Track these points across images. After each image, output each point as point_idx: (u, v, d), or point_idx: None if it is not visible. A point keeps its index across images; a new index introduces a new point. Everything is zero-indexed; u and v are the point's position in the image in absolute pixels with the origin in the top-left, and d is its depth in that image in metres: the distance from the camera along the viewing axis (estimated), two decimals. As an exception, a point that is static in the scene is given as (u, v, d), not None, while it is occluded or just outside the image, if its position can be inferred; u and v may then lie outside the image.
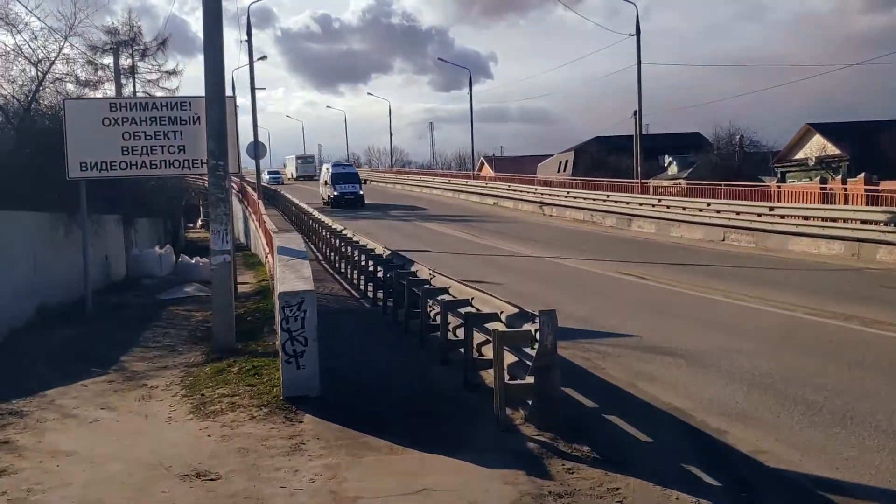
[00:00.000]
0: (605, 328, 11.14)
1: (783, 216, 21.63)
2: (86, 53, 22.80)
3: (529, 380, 6.90)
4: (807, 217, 20.98)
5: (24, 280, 14.40)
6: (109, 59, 23.88)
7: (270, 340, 11.00)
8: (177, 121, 14.82)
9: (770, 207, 22.55)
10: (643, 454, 6.35)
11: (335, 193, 42.94)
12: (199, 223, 44.41)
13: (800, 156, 43.95)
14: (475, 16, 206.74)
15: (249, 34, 35.82)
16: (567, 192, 36.12)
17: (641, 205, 29.03)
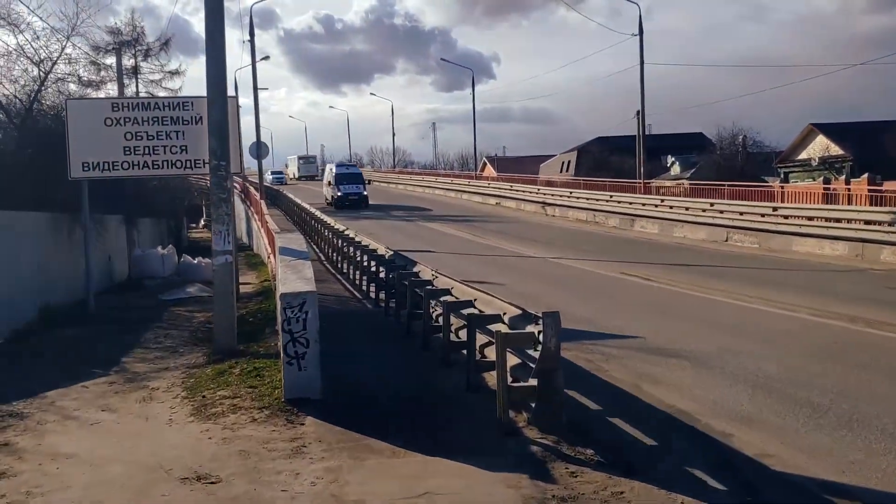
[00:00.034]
0: (609, 329, 11.08)
1: (787, 217, 21.54)
2: (88, 53, 22.78)
3: (532, 382, 6.84)
4: (810, 217, 20.91)
5: (27, 280, 14.37)
6: (112, 60, 23.86)
7: (272, 341, 10.95)
8: (179, 121, 14.80)
9: (773, 208, 22.48)
10: (648, 457, 6.29)
11: (339, 194, 42.42)
12: (202, 223, 44.41)
13: (803, 156, 43.88)
14: (478, 16, 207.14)
15: (252, 34, 35.77)
16: (570, 193, 36.05)
17: (644, 205, 28.96)
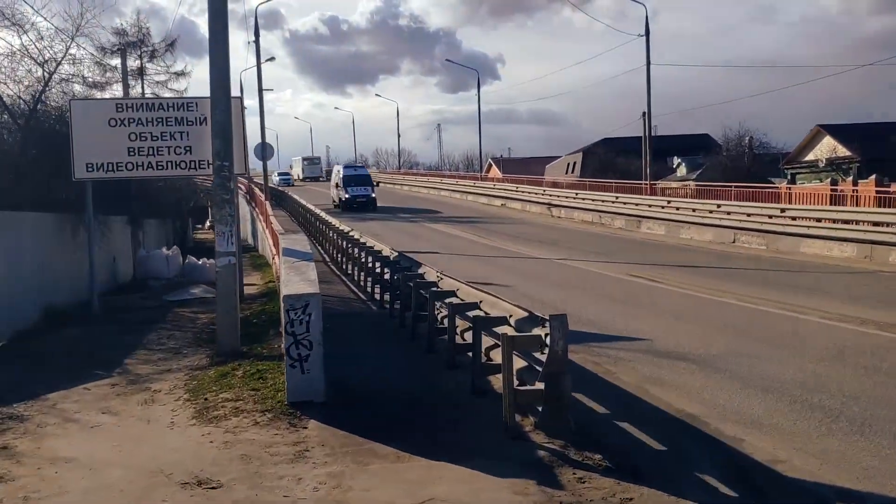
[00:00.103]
0: (616, 332, 10.96)
1: (794, 218, 21.40)
2: (93, 54, 22.70)
3: (539, 386, 6.72)
4: (818, 219, 20.76)
5: (30, 281, 14.31)
6: (117, 61, 23.77)
7: (276, 343, 10.85)
8: (183, 121, 14.76)
9: (781, 209, 22.33)
10: (656, 463, 6.18)
11: (346, 196, 41.42)
12: (208, 224, 44.33)
13: (810, 157, 43.71)
14: (482, 17, 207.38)
15: (257, 35, 35.79)
16: (576, 194, 35.93)
17: (651, 206, 28.84)
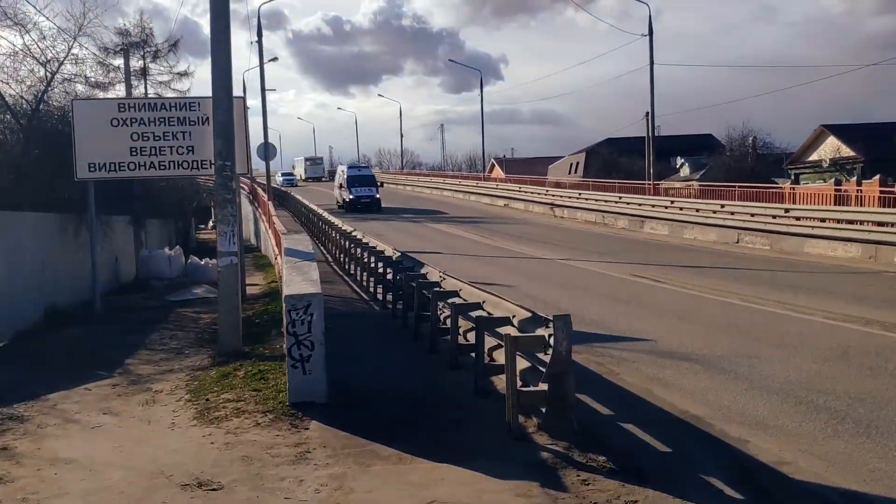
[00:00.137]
0: (619, 332, 10.90)
1: (798, 218, 21.32)
2: (96, 54, 22.69)
3: (543, 386, 6.67)
4: (822, 219, 20.69)
5: (32, 281, 14.29)
6: (120, 61, 23.79)
7: (278, 343, 10.80)
8: (185, 121, 14.73)
9: (785, 209, 22.26)
10: (661, 464, 6.11)
11: (350, 197, 41.00)
12: (211, 224, 44.31)
13: (813, 157, 43.59)
14: (486, 17, 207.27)
15: (260, 35, 35.74)
16: (579, 194, 35.86)
17: (654, 206, 28.78)
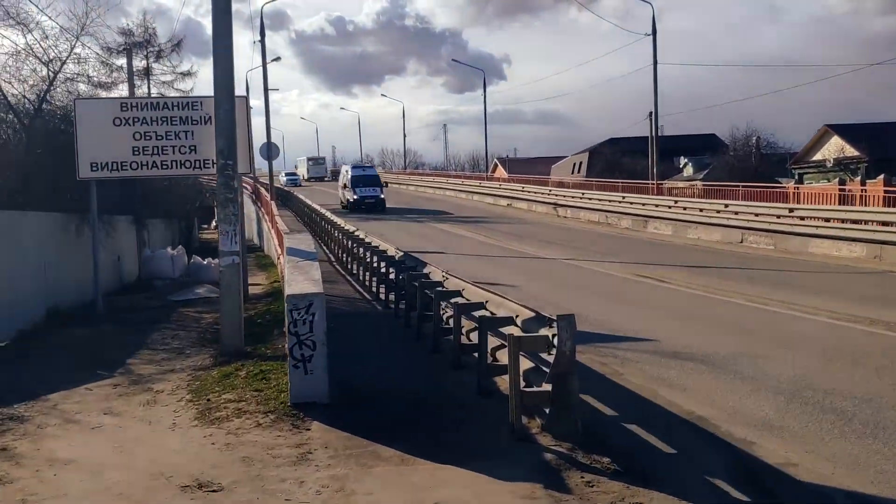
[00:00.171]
0: (623, 332, 10.83)
1: (803, 218, 21.23)
2: (99, 54, 22.69)
3: (546, 387, 6.60)
4: (827, 219, 20.60)
5: (34, 281, 14.25)
6: (123, 61, 23.80)
7: (280, 343, 10.73)
8: (188, 120, 14.67)
9: (790, 209, 22.16)
10: (666, 466, 6.04)
11: (355, 197, 40.24)
12: (214, 224, 44.16)
13: (817, 157, 43.46)
14: (489, 17, 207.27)
15: (262, 34, 35.73)
16: (582, 194, 35.78)
17: (658, 206, 28.69)
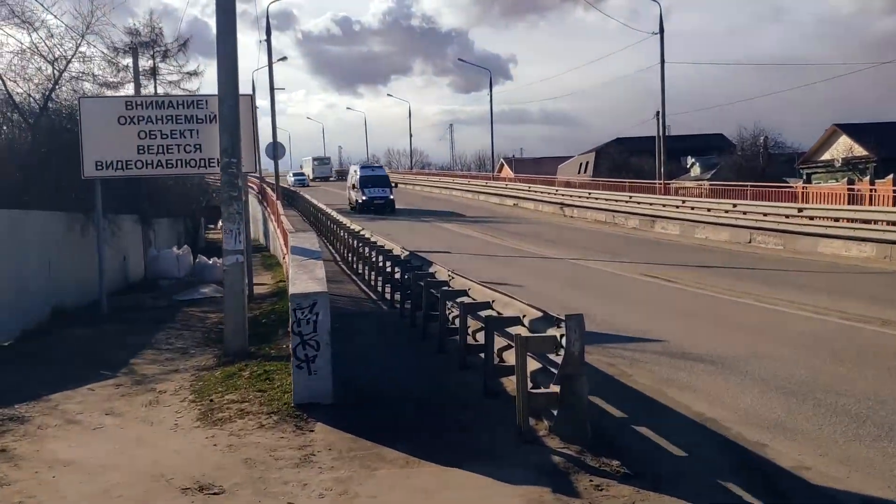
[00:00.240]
0: (631, 332, 10.70)
1: (812, 218, 21.06)
2: (104, 53, 22.67)
3: (554, 388, 6.48)
4: (836, 219, 20.44)
5: (39, 280, 14.20)
6: (129, 60, 23.74)
7: (284, 343, 10.66)
8: (193, 119, 14.63)
9: (798, 209, 22.00)
10: (677, 469, 5.91)
11: (364, 198, 39.42)
12: (220, 224, 44.10)
13: (826, 157, 43.17)
14: (495, 17, 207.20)
15: (268, 33, 35.75)
16: (588, 194, 35.66)
17: (665, 206, 28.54)
